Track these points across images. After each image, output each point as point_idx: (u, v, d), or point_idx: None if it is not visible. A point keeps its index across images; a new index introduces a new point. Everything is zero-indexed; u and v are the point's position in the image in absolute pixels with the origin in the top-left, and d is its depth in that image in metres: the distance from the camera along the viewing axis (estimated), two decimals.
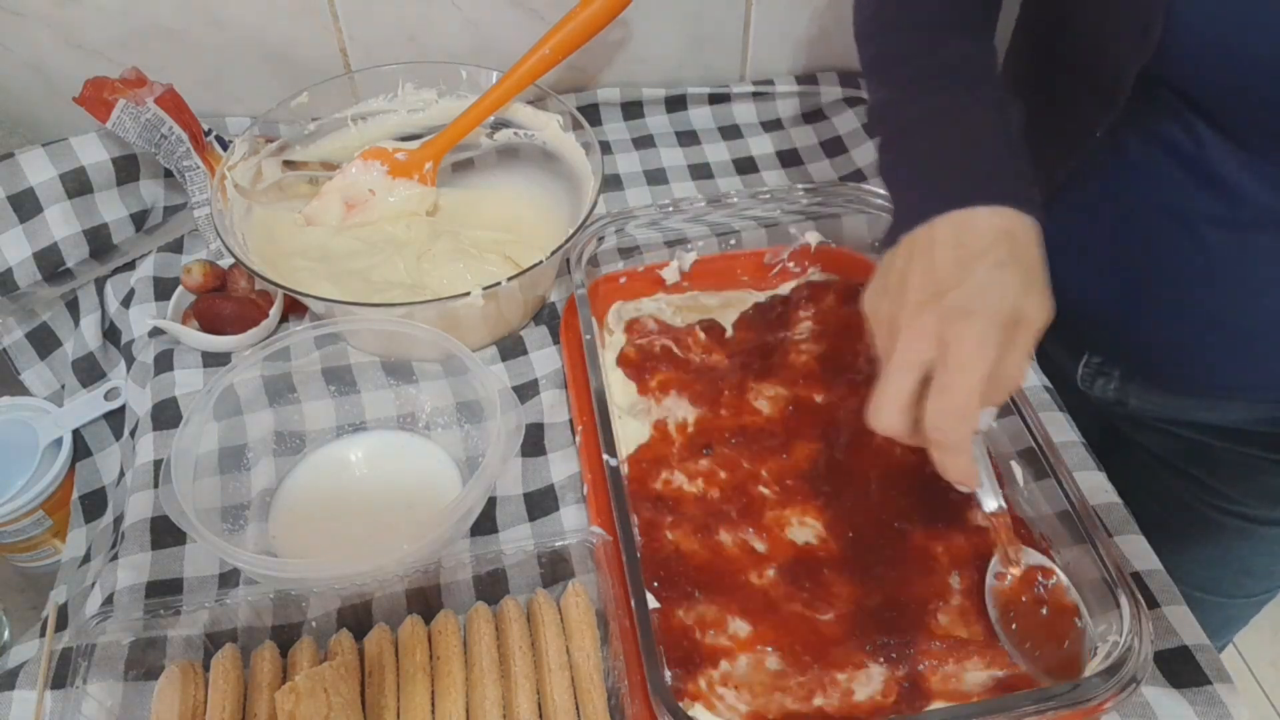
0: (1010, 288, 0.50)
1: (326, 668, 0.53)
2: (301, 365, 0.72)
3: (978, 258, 0.51)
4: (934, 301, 0.51)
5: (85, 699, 0.54)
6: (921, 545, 0.61)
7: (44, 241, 0.78)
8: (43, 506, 0.74)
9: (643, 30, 0.97)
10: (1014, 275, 0.50)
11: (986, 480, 0.56)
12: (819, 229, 0.81)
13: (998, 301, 0.50)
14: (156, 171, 0.84)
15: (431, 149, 0.84)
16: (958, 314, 0.50)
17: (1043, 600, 0.57)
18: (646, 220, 0.78)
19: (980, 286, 0.50)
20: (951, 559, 0.60)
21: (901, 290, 0.52)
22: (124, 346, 0.79)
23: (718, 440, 0.67)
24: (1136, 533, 0.64)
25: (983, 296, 0.50)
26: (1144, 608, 0.53)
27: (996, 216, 0.52)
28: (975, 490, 0.56)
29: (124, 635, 0.57)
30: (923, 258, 0.52)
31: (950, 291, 0.50)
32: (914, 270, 0.52)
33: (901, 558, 0.60)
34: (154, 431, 0.71)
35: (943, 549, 0.61)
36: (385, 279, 0.77)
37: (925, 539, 0.61)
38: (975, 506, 0.63)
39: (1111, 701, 0.50)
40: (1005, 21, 0.74)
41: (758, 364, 0.72)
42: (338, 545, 0.66)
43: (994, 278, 0.50)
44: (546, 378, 0.75)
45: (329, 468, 0.70)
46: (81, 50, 0.88)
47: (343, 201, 0.83)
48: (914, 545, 0.61)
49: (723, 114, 1.00)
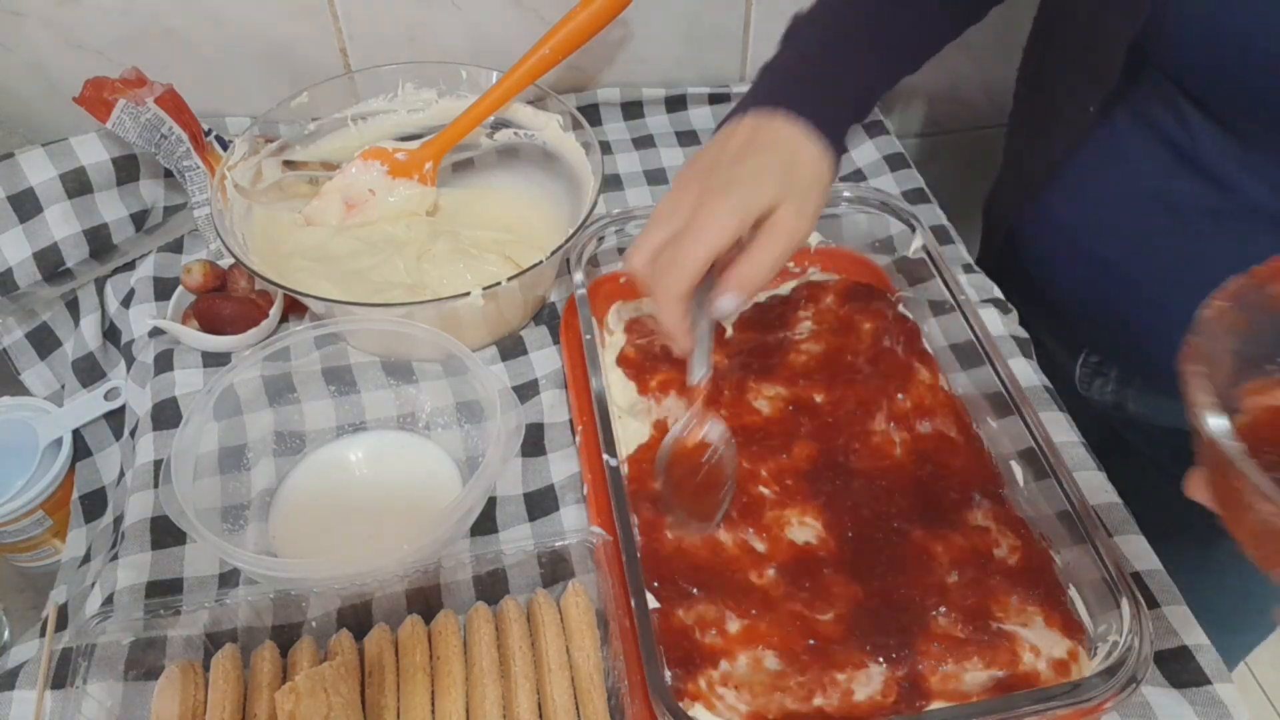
0: (768, 187, 0.54)
1: (326, 668, 0.53)
2: (301, 365, 0.72)
3: (755, 153, 0.56)
4: (703, 176, 0.56)
5: (85, 699, 0.54)
6: (921, 545, 0.61)
7: (44, 241, 0.78)
8: (43, 506, 0.74)
9: (643, 30, 0.97)
10: (776, 177, 0.55)
11: (698, 353, 0.58)
12: (819, 229, 0.80)
13: (752, 193, 0.54)
14: (156, 171, 0.84)
15: (431, 149, 0.84)
16: (715, 191, 0.55)
17: (703, 468, 0.62)
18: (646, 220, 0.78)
19: (744, 176, 0.55)
20: (951, 559, 0.60)
21: (692, 162, 0.59)
22: (124, 346, 0.79)
23: None
24: (1136, 533, 0.64)
25: (741, 185, 0.54)
26: (1144, 608, 0.53)
27: (791, 127, 0.58)
28: (685, 355, 0.59)
29: (124, 635, 0.57)
30: (720, 142, 0.59)
31: (720, 171, 0.56)
32: (709, 150, 0.59)
33: (901, 557, 0.60)
34: (154, 431, 0.71)
35: (942, 549, 0.61)
36: (385, 279, 0.77)
37: (925, 539, 0.61)
38: (974, 508, 0.63)
39: (1111, 701, 0.50)
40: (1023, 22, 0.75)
41: (758, 364, 0.71)
42: (338, 545, 0.66)
43: (759, 174, 0.55)
44: (546, 378, 0.75)
45: (329, 468, 0.70)
46: (81, 50, 0.88)
47: (343, 201, 0.83)
48: (913, 545, 0.61)
49: (723, 114, 0.99)
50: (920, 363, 0.71)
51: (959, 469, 0.65)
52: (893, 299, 0.76)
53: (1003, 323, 0.78)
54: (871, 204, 0.78)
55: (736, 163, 0.56)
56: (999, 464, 0.66)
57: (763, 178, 0.55)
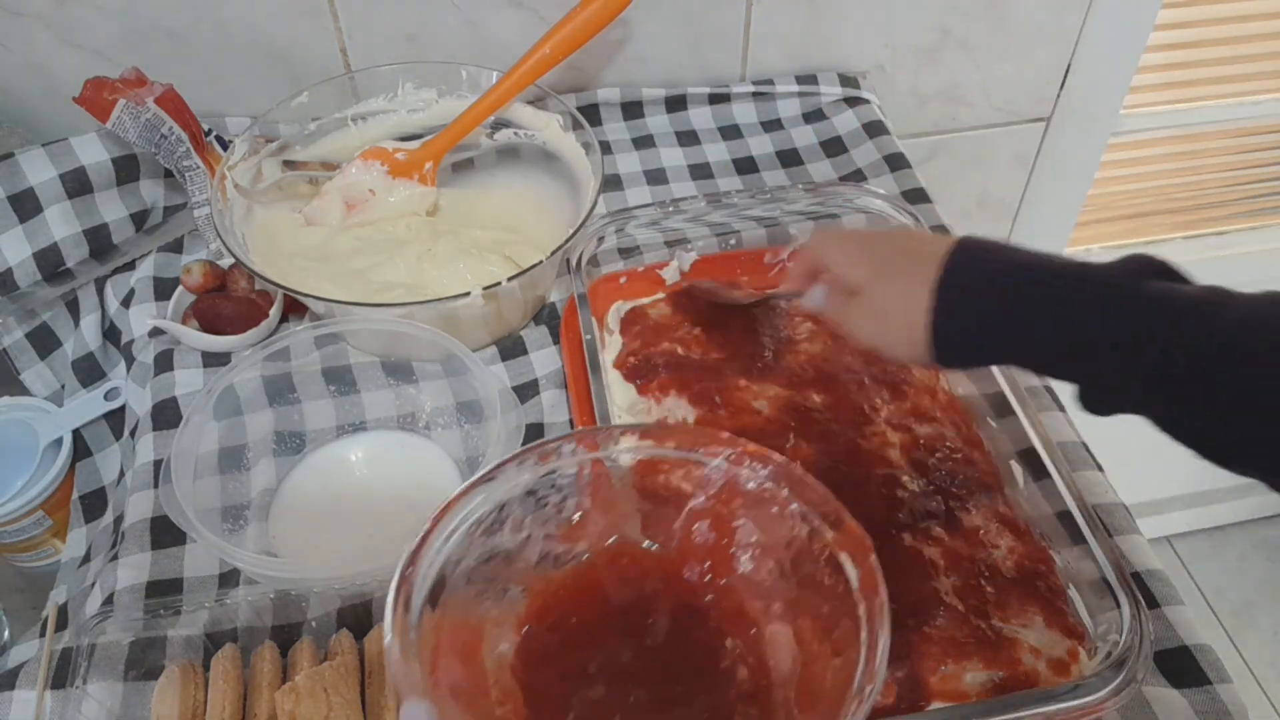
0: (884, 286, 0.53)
1: (326, 668, 0.53)
2: (301, 365, 0.72)
3: (908, 260, 0.52)
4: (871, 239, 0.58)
5: (85, 699, 0.54)
6: (920, 545, 0.61)
7: (44, 241, 0.78)
8: (43, 506, 0.74)
9: (643, 30, 0.97)
10: (906, 288, 0.51)
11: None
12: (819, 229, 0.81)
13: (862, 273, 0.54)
14: (156, 171, 0.84)
15: (431, 149, 0.84)
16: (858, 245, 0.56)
17: None
18: (646, 220, 0.78)
19: (885, 258, 0.54)
20: (951, 559, 0.60)
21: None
22: (124, 346, 0.79)
23: None
24: (1137, 532, 0.64)
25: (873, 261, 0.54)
26: (1144, 608, 0.53)
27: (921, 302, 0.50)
28: None
29: (124, 635, 0.57)
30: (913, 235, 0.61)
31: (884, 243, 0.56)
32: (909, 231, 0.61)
33: (901, 558, 0.60)
34: (154, 431, 0.71)
35: (942, 549, 0.61)
36: (385, 279, 0.77)
37: (924, 539, 0.61)
38: (974, 508, 0.63)
39: (1111, 702, 0.50)
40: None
41: (758, 364, 0.72)
42: (338, 545, 0.66)
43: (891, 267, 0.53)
44: (546, 378, 0.75)
45: (329, 468, 0.70)
46: (81, 50, 0.88)
47: (343, 201, 0.83)
48: (913, 545, 0.61)
49: (723, 114, 1.00)
50: None
51: (958, 469, 0.65)
52: None
53: None
54: (872, 204, 0.78)
55: (894, 256, 0.54)
56: (999, 464, 0.66)
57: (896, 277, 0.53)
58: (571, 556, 0.51)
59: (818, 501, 0.48)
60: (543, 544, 0.51)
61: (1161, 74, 1.25)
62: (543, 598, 0.50)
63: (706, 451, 0.50)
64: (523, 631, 0.49)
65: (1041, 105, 1.16)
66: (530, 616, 0.49)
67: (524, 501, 0.49)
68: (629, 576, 0.52)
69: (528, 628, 0.49)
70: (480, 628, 0.48)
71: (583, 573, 0.51)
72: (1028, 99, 1.14)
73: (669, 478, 0.51)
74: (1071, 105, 1.16)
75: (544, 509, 0.50)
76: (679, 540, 0.52)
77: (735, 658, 0.48)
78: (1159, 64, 1.24)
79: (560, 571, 0.51)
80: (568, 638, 0.49)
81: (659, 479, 0.52)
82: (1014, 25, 1.07)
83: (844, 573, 0.46)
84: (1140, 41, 1.13)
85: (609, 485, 0.52)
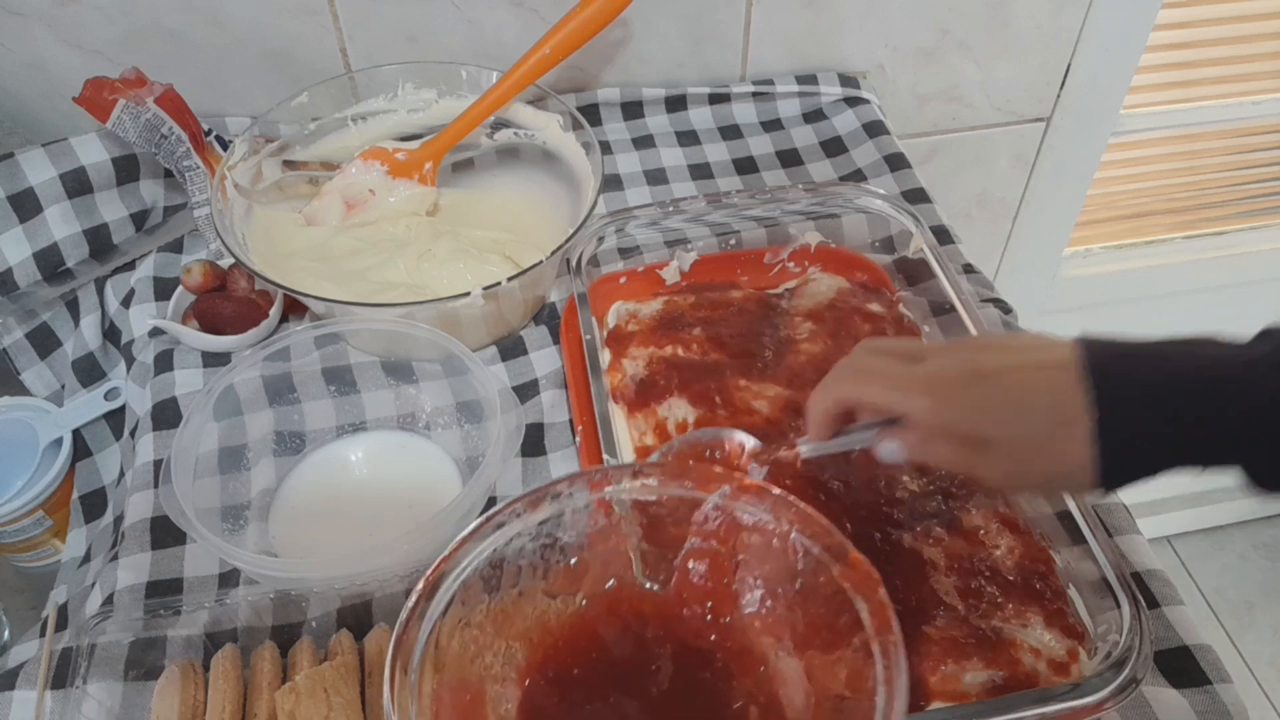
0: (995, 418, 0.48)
1: (326, 668, 0.53)
2: (301, 365, 0.72)
3: (1027, 390, 0.47)
4: (968, 347, 0.52)
5: (85, 699, 0.54)
6: (920, 545, 0.61)
7: (44, 241, 0.78)
8: (43, 506, 0.74)
9: (643, 30, 0.97)
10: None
11: (816, 446, 0.56)
12: (819, 229, 0.81)
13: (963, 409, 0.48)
14: (156, 171, 0.84)
15: (431, 149, 0.84)
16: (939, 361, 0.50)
17: None
18: (646, 220, 0.78)
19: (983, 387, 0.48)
20: (950, 559, 0.60)
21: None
22: (124, 346, 0.79)
23: None
24: (1137, 532, 0.64)
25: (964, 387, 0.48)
26: (1144, 608, 0.53)
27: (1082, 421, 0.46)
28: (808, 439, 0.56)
29: (124, 635, 0.57)
30: (1021, 340, 0.51)
31: (979, 354, 0.50)
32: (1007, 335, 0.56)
33: (900, 558, 0.60)
34: (154, 431, 0.71)
35: (942, 549, 0.61)
36: (385, 279, 0.77)
37: (924, 539, 0.61)
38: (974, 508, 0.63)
39: (1111, 702, 0.50)
40: None
41: (758, 364, 0.72)
42: (338, 545, 0.66)
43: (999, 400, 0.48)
44: (546, 378, 0.75)
45: (329, 468, 0.70)
46: (81, 50, 0.88)
47: (343, 201, 0.83)
48: (912, 546, 0.61)
49: (723, 114, 1.00)
50: None
51: None
52: (893, 299, 0.76)
53: (1003, 323, 0.78)
54: (871, 204, 0.78)
55: (1020, 395, 0.47)
56: None
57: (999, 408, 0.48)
58: (568, 604, 0.49)
59: (820, 534, 0.46)
60: (539, 594, 0.49)
61: (1161, 74, 1.25)
62: (542, 650, 0.48)
63: (702, 488, 0.48)
64: (524, 686, 0.47)
65: (1041, 105, 1.16)
66: (530, 670, 0.47)
67: (516, 553, 0.47)
68: (629, 622, 0.50)
69: (529, 682, 0.47)
70: (481, 686, 0.46)
71: (581, 620, 0.49)
72: (1028, 99, 1.14)
73: (664, 517, 0.50)
74: (1071, 105, 1.16)
75: (537, 558, 0.48)
76: (678, 580, 0.50)
77: (746, 698, 0.47)
78: (1159, 64, 1.24)
79: (558, 621, 0.49)
80: (570, 691, 0.47)
81: (654, 519, 0.50)
82: (1014, 25, 1.07)
83: (853, 608, 0.44)
84: (1140, 41, 1.13)
85: (603, 529, 0.50)
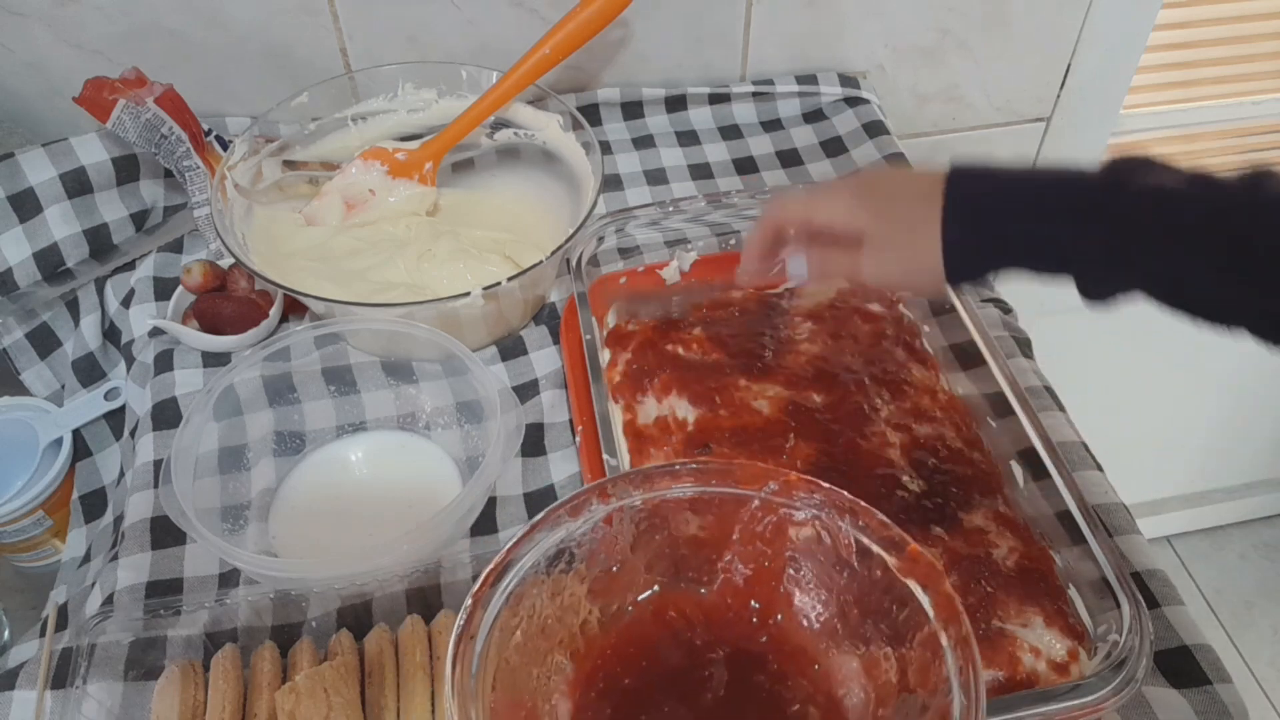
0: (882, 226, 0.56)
1: (326, 668, 0.53)
2: (301, 365, 0.72)
3: (905, 201, 0.55)
4: (861, 183, 0.59)
5: (85, 699, 0.54)
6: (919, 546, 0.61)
7: (44, 241, 0.78)
8: (43, 506, 0.74)
9: (643, 30, 0.97)
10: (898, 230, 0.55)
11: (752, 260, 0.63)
12: None
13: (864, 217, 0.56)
14: (156, 171, 0.84)
15: (431, 149, 0.84)
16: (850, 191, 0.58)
17: None
18: (646, 220, 0.78)
19: (882, 204, 0.56)
20: (951, 559, 0.60)
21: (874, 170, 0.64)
22: (124, 346, 0.79)
23: (717, 440, 0.67)
24: (1137, 532, 0.64)
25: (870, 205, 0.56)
26: (1144, 608, 0.53)
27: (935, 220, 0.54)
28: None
29: (124, 635, 0.57)
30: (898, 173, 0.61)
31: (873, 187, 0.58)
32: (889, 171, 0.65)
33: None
34: (154, 431, 0.71)
35: (942, 549, 0.61)
36: (385, 279, 0.77)
37: (924, 539, 0.61)
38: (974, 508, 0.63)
39: (1111, 702, 0.50)
40: None
41: (758, 364, 0.72)
42: (338, 545, 0.66)
43: (891, 215, 0.55)
44: (546, 378, 0.75)
45: (329, 468, 0.70)
46: (81, 50, 0.88)
47: (343, 201, 0.83)
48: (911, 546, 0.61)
49: (723, 114, 1.00)
50: (920, 363, 0.71)
51: (958, 469, 0.65)
52: (893, 299, 0.76)
53: (1003, 323, 0.78)
54: None
55: (892, 194, 0.56)
56: (999, 464, 0.66)
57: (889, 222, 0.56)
58: (614, 613, 0.48)
59: (876, 526, 0.46)
60: (582, 602, 0.47)
61: (1161, 74, 1.25)
62: (590, 661, 0.47)
63: (749, 485, 0.48)
64: (575, 700, 0.46)
65: (1041, 105, 1.16)
66: (580, 683, 0.46)
67: (558, 562, 0.46)
68: (677, 628, 0.48)
69: (579, 695, 0.46)
70: (534, 705, 0.45)
71: (628, 629, 0.48)
72: (1028, 99, 1.14)
73: (709, 517, 0.49)
74: (1071, 105, 1.16)
75: (580, 566, 0.47)
76: (724, 582, 0.49)
77: (804, 699, 0.46)
78: (1159, 64, 1.24)
79: (605, 630, 0.48)
80: (623, 702, 0.46)
81: (698, 518, 0.49)
82: (1014, 25, 1.07)
83: (914, 601, 0.44)
84: (1140, 41, 1.13)
85: (646, 531, 0.49)
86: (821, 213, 0.58)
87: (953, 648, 0.41)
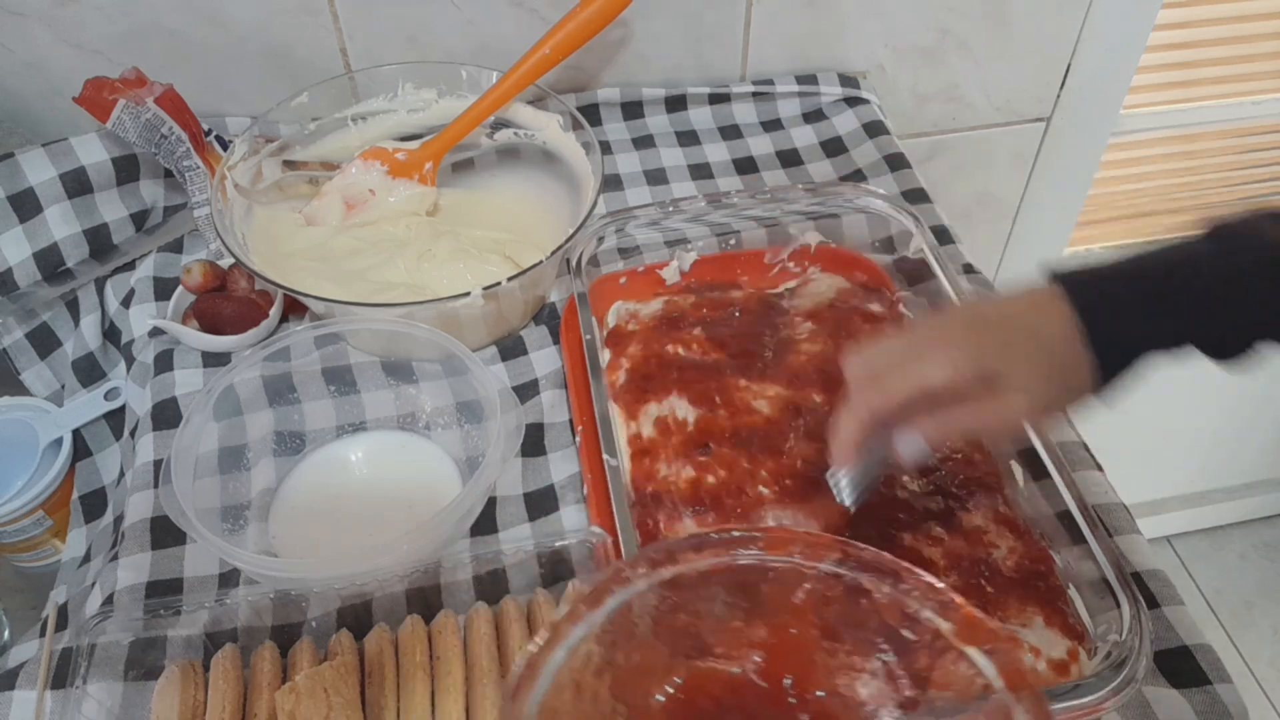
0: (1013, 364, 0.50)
1: (326, 668, 0.53)
2: (301, 365, 0.72)
3: (1021, 334, 0.51)
4: (968, 319, 0.54)
5: (85, 699, 0.54)
6: (920, 546, 0.61)
7: (44, 241, 0.78)
8: (43, 506, 0.74)
9: (643, 30, 0.97)
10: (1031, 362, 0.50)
11: (852, 475, 0.55)
12: (819, 229, 0.81)
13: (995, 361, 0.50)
14: (156, 171, 0.84)
15: (431, 149, 0.84)
16: (960, 335, 0.51)
17: None
18: (646, 220, 0.78)
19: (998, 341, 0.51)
20: (950, 559, 0.60)
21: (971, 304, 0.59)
22: (124, 346, 0.79)
23: (717, 440, 0.67)
24: (1137, 532, 0.64)
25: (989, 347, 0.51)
26: (1144, 608, 0.53)
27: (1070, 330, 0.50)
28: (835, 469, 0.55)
29: (124, 635, 0.57)
30: (1006, 301, 0.54)
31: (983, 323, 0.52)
32: (992, 300, 0.57)
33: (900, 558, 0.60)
34: (154, 431, 0.71)
35: (942, 549, 0.61)
36: (385, 279, 0.77)
37: (924, 539, 0.61)
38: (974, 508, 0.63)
39: (1111, 702, 0.50)
40: None
41: (758, 364, 0.72)
42: (338, 545, 0.66)
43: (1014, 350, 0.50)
44: (546, 378, 0.75)
45: (329, 468, 0.70)
46: (81, 50, 0.88)
47: (343, 201, 0.83)
48: (912, 545, 0.61)
49: (723, 114, 1.00)
50: None
51: (959, 469, 0.65)
52: (893, 299, 0.76)
53: None
54: (872, 204, 0.78)
55: (1002, 324, 0.51)
56: (999, 464, 0.66)
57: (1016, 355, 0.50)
58: (640, 709, 0.44)
59: (923, 591, 0.43)
60: (605, 700, 0.43)
61: (1161, 74, 1.25)
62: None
63: (775, 552, 0.44)
64: None
65: (1041, 105, 1.16)
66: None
67: (594, 642, 0.42)
68: (711, 711, 0.44)
69: None
70: None
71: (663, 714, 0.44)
72: (1028, 99, 1.14)
73: (734, 589, 0.46)
74: (1071, 105, 1.16)
75: (596, 658, 0.43)
76: (760, 660, 0.45)
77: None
78: (1159, 64, 1.24)
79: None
80: None
81: (724, 591, 0.46)
82: (1014, 25, 1.07)
83: (974, 669, 0.41)
84: (1140, 41, 1.13)
85: (668, 612, 0.45)
86: (934, 376, 0.50)
87: (1027, 712, 0.39)
